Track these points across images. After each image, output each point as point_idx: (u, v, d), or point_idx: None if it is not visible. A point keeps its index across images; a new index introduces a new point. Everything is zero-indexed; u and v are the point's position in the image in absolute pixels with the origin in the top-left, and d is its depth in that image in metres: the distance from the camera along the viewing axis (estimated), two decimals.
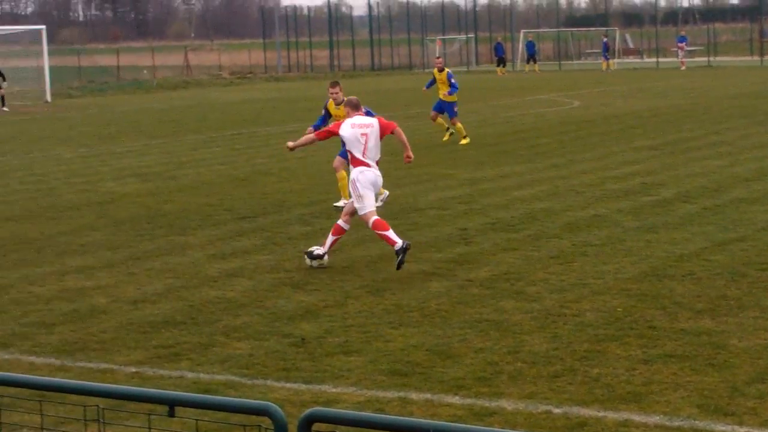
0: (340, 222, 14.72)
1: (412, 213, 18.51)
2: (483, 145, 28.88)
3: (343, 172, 17.89)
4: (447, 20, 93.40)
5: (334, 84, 19.06)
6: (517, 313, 11.86)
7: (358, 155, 14.86)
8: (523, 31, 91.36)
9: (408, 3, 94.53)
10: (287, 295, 12.99)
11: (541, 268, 14.06)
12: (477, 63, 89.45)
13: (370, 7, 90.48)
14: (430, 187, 21.51)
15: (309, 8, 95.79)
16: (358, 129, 14.89)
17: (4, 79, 48.34)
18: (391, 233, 14.24)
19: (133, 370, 10.23)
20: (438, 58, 33.86)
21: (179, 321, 11.91)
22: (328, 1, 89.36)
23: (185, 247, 16.02)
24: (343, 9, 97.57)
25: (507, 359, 10.26)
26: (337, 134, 15.11)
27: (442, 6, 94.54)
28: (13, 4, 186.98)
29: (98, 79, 69.19)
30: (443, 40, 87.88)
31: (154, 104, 50.41)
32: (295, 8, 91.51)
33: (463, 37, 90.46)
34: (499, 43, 79.52)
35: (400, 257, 13.92)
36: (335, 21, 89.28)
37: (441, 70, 30.26)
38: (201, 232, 17.18)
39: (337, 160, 18.95)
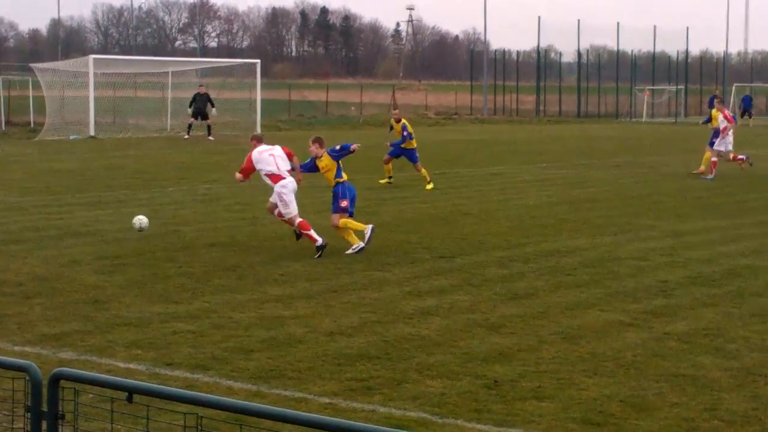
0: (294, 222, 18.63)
1: (611, 262, 18.29)
2: (688, 198, 28.40)
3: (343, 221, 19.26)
4: (657, 71, 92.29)
5: (314, 140, 19.72)
6: (716, 370, 11.60)
7: (275, 171, 18.70)
8: (735, 84, 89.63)
9: (618, 52, 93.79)
10: (481, 337, 12.98)
11: (742, 326, 13.72)
12: (685, 115, 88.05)
13: (579, 54, 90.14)
14: (631, 237, 21.24)
15: (518, 52, 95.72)
16: (265, 152, 18.86)
17: (213, 106, 49.70)
18: (312, 232, 18.43)
19: (327, 401, 10.35)
20: (395, 110, 37.08)
21: (373, 355, 12.01)
22: (538, 47, 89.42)
23: (382, 283, 16.16)
24: (552, 55, 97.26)
25: (703, 416, 10.03)
26: (251, 168, 18.90)
27: (653, 56, 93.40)
28: (230, 38, 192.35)
29: (307, 113, 70.54)
30: (652, 91, 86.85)
31: (360, 141, 50.99)
32: (504, 52, 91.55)
33: (672, 88, 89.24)
34: (747, 96, 78.44)
35: (319, 253, 18.11)
36: (543, 66, 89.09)
37: (398, 121, 32.55)
38: (398, 269, 17.31)
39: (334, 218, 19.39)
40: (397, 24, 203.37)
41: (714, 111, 35.41)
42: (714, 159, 33.92)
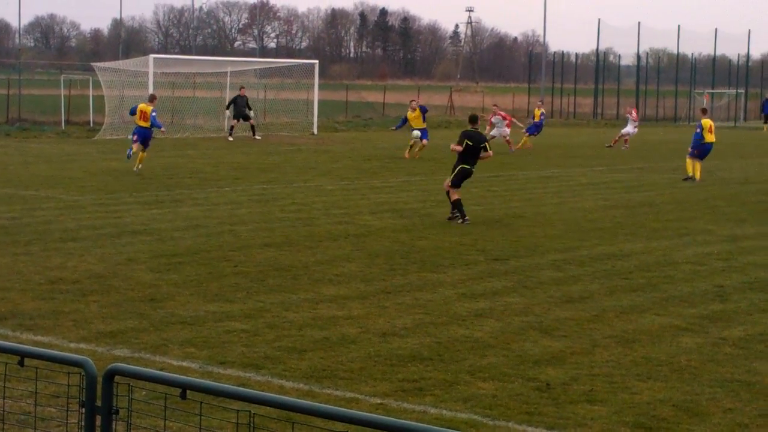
0: None
1: (668, 266, 18.18)
2: (746, 203, 28.18)
3: None
4: (717, 74, 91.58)
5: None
6: None
7: None
8: None
9: (678, 54, 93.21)
10: (534, 339, 12.95)
11: None
12: (744, 119, 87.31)
13: (639, 57, 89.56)
14: (688, 241, 21.11)
15: (576, 55, 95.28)
16: None
17: (250, 109, 49.78)
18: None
19: (378, 401, 10.37)
20: (412, 101, 43.19)
21: (426, 356, 12.02)
22: (597, 49, 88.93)
23: (436, 285, 16.17)
24: (611, 58, 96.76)
25: (758, 422, 9.96)
26: None
27: (714, 60, 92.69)
28: (288, 38, 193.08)
29: (363, 114, 70.63)
30: (711, 94, 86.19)
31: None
32: (562, 54, 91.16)
33: (732, 91, 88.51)
34: (766, 100, 77.46)
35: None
36: (602, 69, 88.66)
37: (414, 110, 40.18)
38: (452, 271, 17.31)
39: None
40: (456, 26, 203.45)
41: None
42: None
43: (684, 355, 12.33)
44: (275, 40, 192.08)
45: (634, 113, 50.20)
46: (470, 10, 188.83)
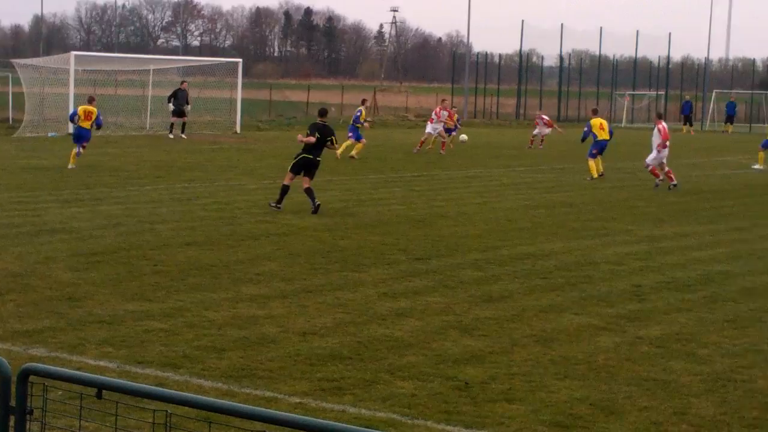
0: None
1: (587, 266, 18.35)
2: (665, 204, 28.51)
3: None
4: (638, 76, 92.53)
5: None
6: (686, 375, 11.66)
7: None
8: (716, 90, 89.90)
9: (600, 56, 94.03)
10: (454, 338, 13.01)
11: (715, 331, 13.79)
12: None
13: (561, 58, 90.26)
14: (607, 241, 21.32)
15: (500, 56, 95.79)
16: None
17: (188, 104, 49.40)
18: None
19: (297, 400, 10.36)
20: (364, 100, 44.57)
21: (345, 356, 12.02)
22: (520, 50, 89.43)
23: (357, 284, 16.18)
24: (534, 59, 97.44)
25: (672, 420, 10.09)
26: None
27: (635, 61, 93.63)
28: (212, 36, 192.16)
29: (287, 113, 70.44)
30: (632, 96, 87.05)
31: (340, 141, 51.04)
32: (486, 55, 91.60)
33: (653, 93, 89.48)
34: (687, 102, 78.40)
35: None
36: (525, 70, 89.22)
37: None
38: (374, 270, 17.33)
39: None
40: (381, 25, 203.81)
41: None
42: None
43: (601, 354, 12.45)
44: (199, 39, 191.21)
45: (545, 118, 51.58)
46: (395, 10, 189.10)
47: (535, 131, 50.98)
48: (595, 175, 34.95)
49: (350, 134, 40.64)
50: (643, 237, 22.03)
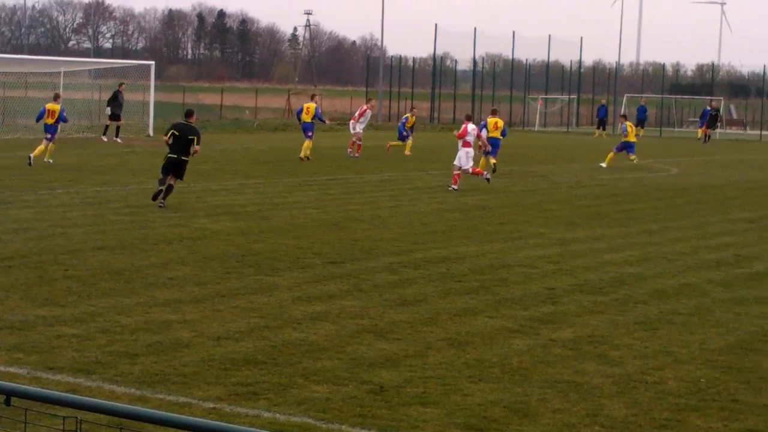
0: None
1: (501, 269, 18.46)
2: (577, 207, 28.76)
3: None
4: (551, 80, 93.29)
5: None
6: (598, 377, 11.77)
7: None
8: (627, 95, 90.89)
9: (513, 60, 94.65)
10: (369, 342, 13.01)
11: (626, 333, 13.94)
12: (577, 124, 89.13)
13: (474, 62, 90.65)
14: (520, 244, 21.46)
15: (414, 59, 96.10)
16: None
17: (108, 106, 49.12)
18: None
19: (211, 405, 10.29)
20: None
21: (260, 360, 11.98)
22: (434, 54, 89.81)
23: (272, 288, 16.13)
24: (448, 62, 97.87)
25: (584, 422, 10.17)
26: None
27: (547, 66, 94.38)
28: (124, 39, 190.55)
29: (200, 116, 69.81)
30: (545, 100, 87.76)
31: (253, 145, 50.99)
32: (400, 58, 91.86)
33: (565, 97, 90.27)
34: (602, 106, 79.19)
35: None
36: (439, 73, 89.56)
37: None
38: (289, 274, 17.28)
39: None
40: (295, 28, 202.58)
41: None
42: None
43: (515, 357, 12.53)
44: (111, 41, 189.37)
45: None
46: (309, 13, 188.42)
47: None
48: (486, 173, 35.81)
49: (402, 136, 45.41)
50: (556, 240, 22.21)
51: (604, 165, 43.66)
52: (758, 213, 28.24)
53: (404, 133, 46.81)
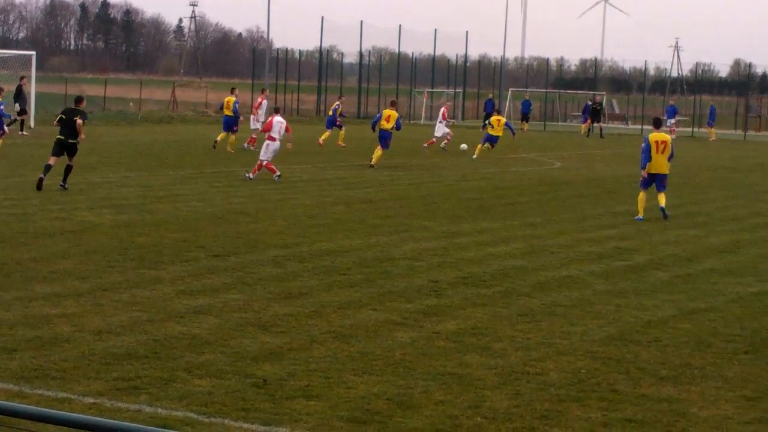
0: None
1: (385, 262, 18.49)
2: (462, 200, 28.94)
3: None
4: (437, 74, 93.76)
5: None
6: (481, 369, 11.85)
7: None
8: (511, 89, 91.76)
9: (399, 54, 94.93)
10: (253, 336, 12.95)
11: (509, 325, 14.06)
12: (463, 118, 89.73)
13: (361, 55, 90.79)
14: (405, 237, 21.52)
15: (300, 52, 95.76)
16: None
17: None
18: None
19: (92, 401, 10.16)
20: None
21: (142, 354, 11.85)
22: (320, 47, 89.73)
23: (155, 281, 15.97)
24: (335, 55, 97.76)
25: (467, 413, 10.23)
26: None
27: (433, 59, 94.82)
28: (5, 28, 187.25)
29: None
30: (431, 93, 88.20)
31: (137, 137, 50.45)
32: (286, 51, 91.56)
33: (450, 91, 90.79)
34: (489, 100, 79.85)
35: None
36: (326, 66, 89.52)
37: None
38: (172, 267, 17.13)
39: None
40: (180, 20, 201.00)
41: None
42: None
43: (399, 350, 12.56)
44: None
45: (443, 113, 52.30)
46: (194, 5, 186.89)
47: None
48: (373, 163, 38.07)
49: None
50: (441, 233, 22.33)
51: (474, 157, 44.70)
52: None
53: (337, 123, 48.41)
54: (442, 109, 51.71)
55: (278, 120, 32.40)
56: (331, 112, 50.24)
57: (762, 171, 44.44)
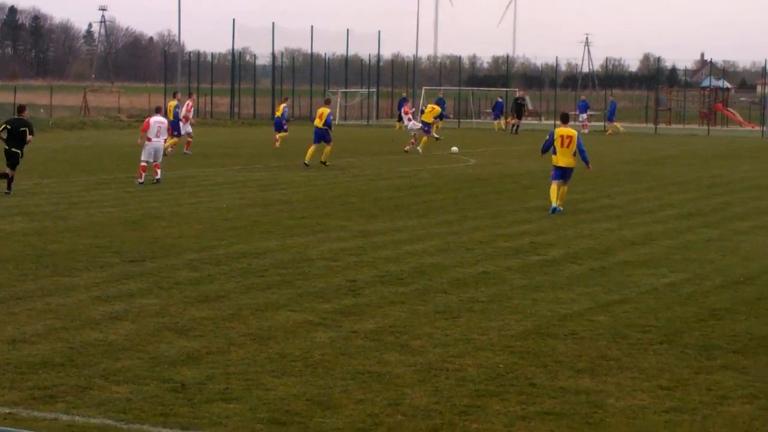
0: None
1: (302, 263, 18.47)
2: (378, 199, 28.98)
3: None
4: (350, 74, 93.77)
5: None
6: (400, 366, 11.88)
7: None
8: (425, 88, 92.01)
9: (312, 55, 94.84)
10: (170, 340, 12.87)
11: (427, 323, 14.10)
12: (377, 117, 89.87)
13: (273, 57, 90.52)
14: (322, 237, 21.51)
15: (213, 54, 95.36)
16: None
17: None
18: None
19: (7, 411, 10.03)
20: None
21: (58, 363, 11.72)
22: (233, 49, 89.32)
23: (69, 289, 15.80)
24: (247, 57, 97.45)
25: (387, 411, 10.25)
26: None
27: (346, 59, 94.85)
28: None
29: None
30: (345, 93, 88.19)
31: (49, 144, 49.86)
32: (198, 54, 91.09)
33: (364, 90, 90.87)
34: (403, 99, 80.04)
35: None
36: (239, 69, 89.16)
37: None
38: (87, 274, 16.96)
39: None
40: (90, 25, 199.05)
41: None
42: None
43: (318, 350, 12.55)
44: None
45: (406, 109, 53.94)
46: (103, 9, 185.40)
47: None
48: (307, 160, 39.10)
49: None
50: (358, 232, 22.34)
51: (420, 150, 46.43)
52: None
53: (284, 125, 49.12)
54: (404, 107, 54.11)
55: (155, 120, 32.08)
56: (279, 113, 50.34)
57: (672, 163, 45.03)
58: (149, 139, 31.59)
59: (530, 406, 10.48)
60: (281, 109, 50.62)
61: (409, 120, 51.48)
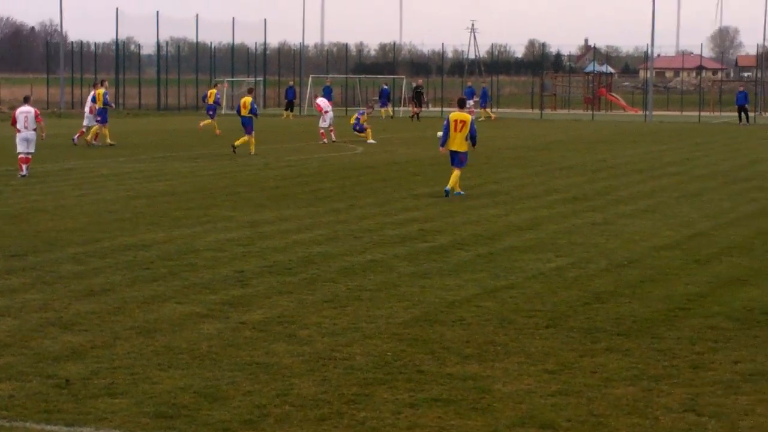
0: None
1: (189, 254, 18.32)
2: (265, 188, 28.86)
3: None
4: (237, 62, 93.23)
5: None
6: (288, 356, 11.84)
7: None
8: (312, 76, 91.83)
9: (198, 44, 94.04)
10: (54, 336, 12.67)
11: (315, 312, 14.08)
12: (264, 106, 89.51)
13: (158, 46, 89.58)
14: (209, 228, 21.35)
15: (96, 44, 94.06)
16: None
17: None
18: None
19: None
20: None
21: None
22: (116, 39, 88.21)
23: None
24: (132, 47, 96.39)
25: (275, 402, 10.21)
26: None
27: (232, 48, 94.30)
28: None
29: None
30: (231, 83, 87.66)
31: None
32: (81, 44, 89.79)
33: (251, 79, 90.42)
34: (290, 87, 79.84)
35: None
36: (123, 59, 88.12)
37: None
38: None
39: None
40: None
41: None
42: None
43: (205, 342, 12.46)
44: None
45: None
46: None
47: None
48: (252, 151, 40.37)
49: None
50: (245, 223, 22.22)
51: (373, 141, 47.40)
52: (440, 188, 28.98)
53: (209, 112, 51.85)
54: (317, 103, 52.09)
55: (21, 110, 31.45)
56: (211, 100, 51.21)
57: (558, 148, 45.56)
58: (18, 131, 30.96)
59: (418, 393, 10.51)
60: (213, 95, 51.36)
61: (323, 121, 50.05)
